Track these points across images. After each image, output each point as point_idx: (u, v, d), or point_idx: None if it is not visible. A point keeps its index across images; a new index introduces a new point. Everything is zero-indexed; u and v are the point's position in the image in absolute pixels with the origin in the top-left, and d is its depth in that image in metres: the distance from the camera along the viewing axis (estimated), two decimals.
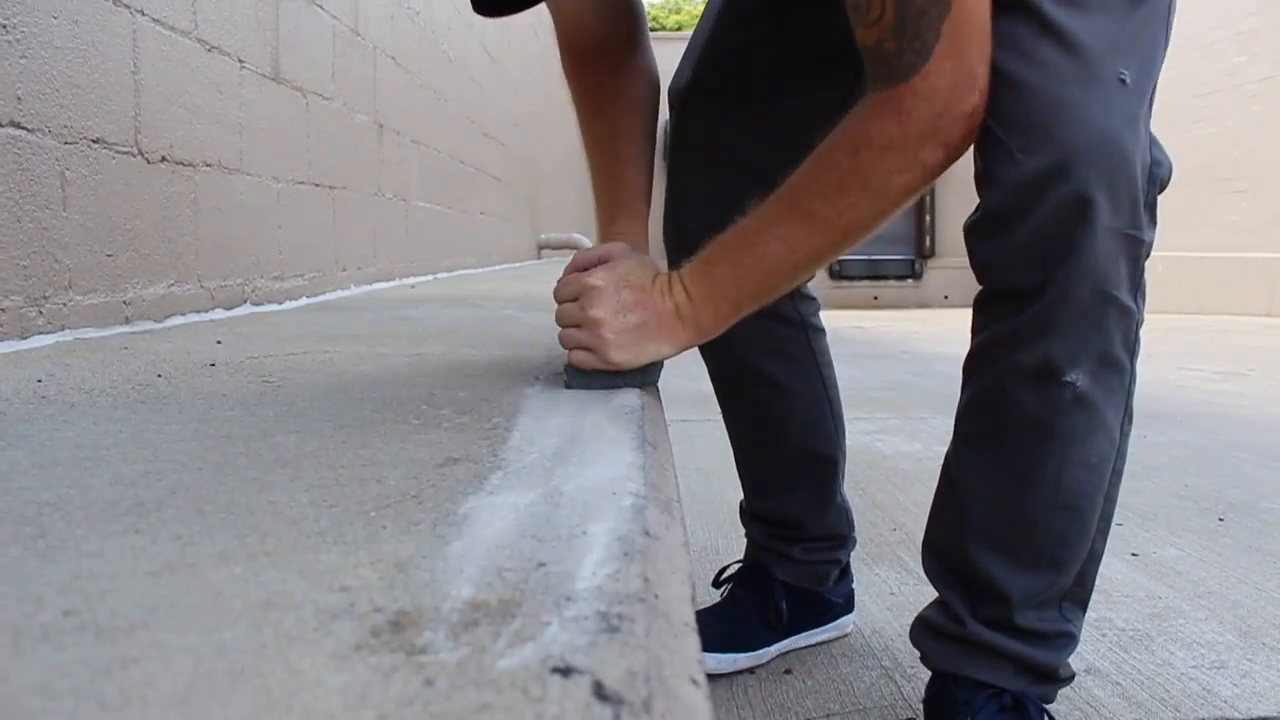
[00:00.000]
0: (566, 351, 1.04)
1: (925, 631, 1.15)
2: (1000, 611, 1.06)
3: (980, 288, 1.04)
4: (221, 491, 0.61)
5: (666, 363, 1.07)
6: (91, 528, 0.54)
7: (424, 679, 0.35)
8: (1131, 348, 1.02)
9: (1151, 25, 0.99)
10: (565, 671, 0.36)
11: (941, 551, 1.14)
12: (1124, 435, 1.06)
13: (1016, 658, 1.07)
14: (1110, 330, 0.98)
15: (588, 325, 1.00)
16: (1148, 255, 1.00)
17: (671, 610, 0.45)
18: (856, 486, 2.43)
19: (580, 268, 1.06)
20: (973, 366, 1.07)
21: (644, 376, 1.03)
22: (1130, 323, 1.00)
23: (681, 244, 1.29)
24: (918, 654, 1.17)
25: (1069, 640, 1.08)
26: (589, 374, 1.02)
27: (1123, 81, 0.94)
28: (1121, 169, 0.93)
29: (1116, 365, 1.01)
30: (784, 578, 1.46)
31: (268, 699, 0.34)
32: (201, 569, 0.47)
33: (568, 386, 1.03)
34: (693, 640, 0.44)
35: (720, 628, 1.42)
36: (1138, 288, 1.00)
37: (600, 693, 0.34)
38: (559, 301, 1.04)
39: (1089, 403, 1.00)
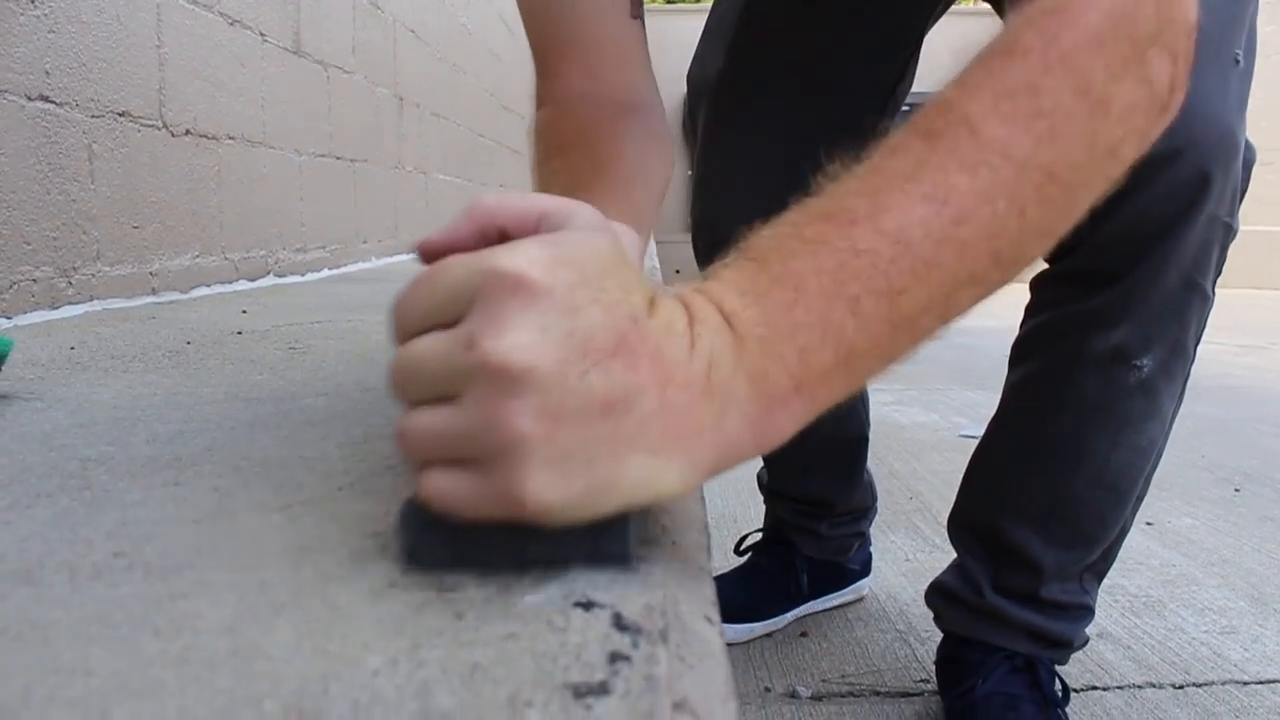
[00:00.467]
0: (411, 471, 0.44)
1: (941, 596, 1.17)
2: (1028, 583, 1.07)
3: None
4: (255, 448, 0.64)
5: None
6: (133, 481, 0.56)
7: (454, 612, 0.38)
8: (1199, 336, 1.00)
9: (1254, 2, 0.94)
10: (587, 605, 0.38)
11: (971, 523, 1.14)
12: (1174, 419, 1.05)
13: (1032, 628, 1.08)
14: (1189, 319, 0.96)
15: (482, 388, 0.39)
16: (1232, 241, 0.96)
17: (689, 556, 0.47)
18: (874, 456, 2.44)
19: (483, 234, 0.45)
20: (1029, 346, 1.04)
21: (595, 546, 0.43)
22: (1206, 311, 0.98)
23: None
24: (932, 616, 1.19)
25: (1086, 613, 1.10)
26: (458, 529, 0.41)
27: (1237, 62, 0.89)
28: (1233, 156, 0.88)
29: (1184, 354, 0.98)
30: (809, 553, 1.48)
31: (308, 628, 0.36)
32: (240, 517, 0.49)
33: (409, 560, 0.43)
34: (708, 584, 0.46)
35: (741, 596, 1.44)
36: (1219, 275, 0.98)
37: (620, 623, 0.36)
38: (404, 323, 0.43)
39: (1152, 389, 0.97)
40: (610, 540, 0.42)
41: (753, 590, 1.46)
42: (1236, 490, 2.20)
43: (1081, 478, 1.01)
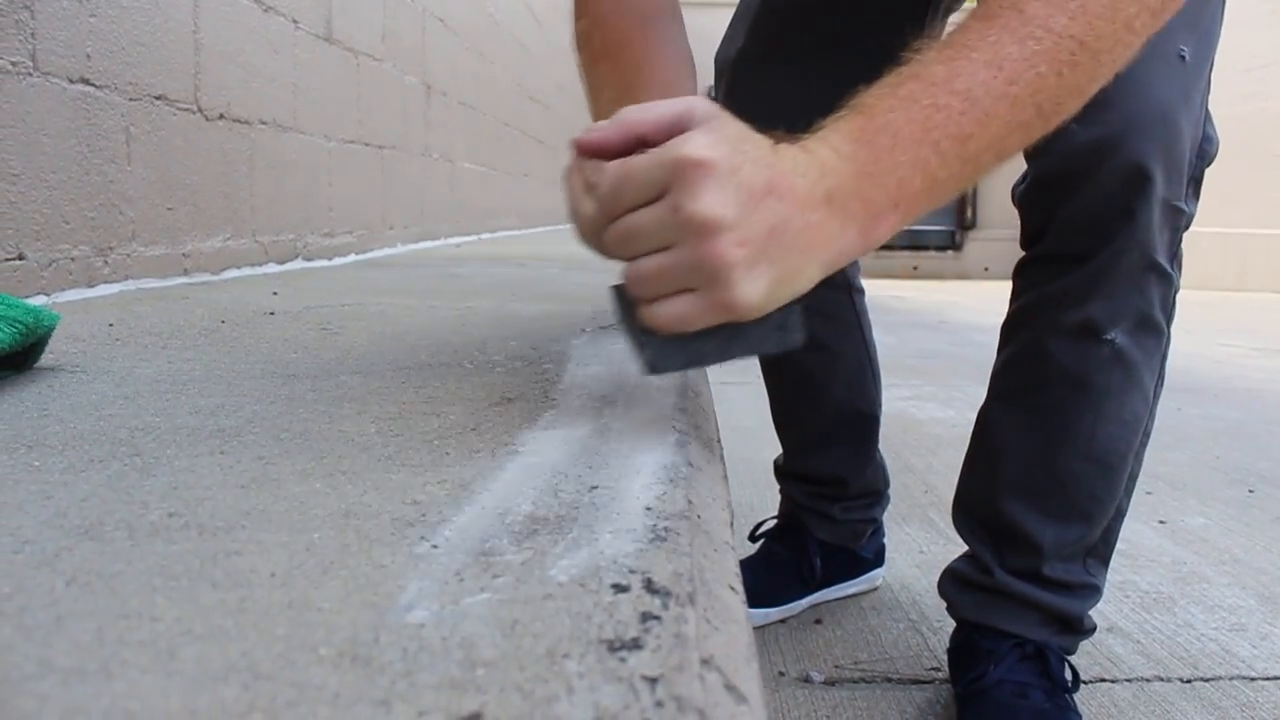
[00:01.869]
0: (636, 306, 0.62)
1: (954, 582, 1.19)
2: (1029, 561, 1.10)
3: (1020, 255, 1.08)
4: (295, 421, 0.66)
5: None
6: (180, 449, 0.59)
7: (492, 574, 0.40)
8: (1169, 313, 1.06)
9: (1212, 2, 1.01)
10: (619, 570, 0.40)
11: (972, 505, 1.18)
12: (1156, 397, 1.10)
13: (1042, 606, 1.11)
14: (1151, 294, 1.02)
15: (691, 238, 0.57)
16: (1187, 227, 1.03)
17: (713, 530, 0.50)
18: (890, 450, 2.46)
19: (639, 139, 0.63)
20: (1012, 327, 1.11)
21: (782, 334, 0.63)
22: (1169, 288, 1.04)
23: None
24: (944, 606, 1.21)
25: (1093, 592, 1.13)
26: (684, 342, 0.61)
27: (1182, 58, 0.96)
28: (1175, 144, 0.96)
29: (1154, 328, 1.05)
30: (822, 536, 1.50)
31: (355, 584, 0.39)
32: (285, 484, 0.52)
33: (652, 371, 0.63)
34: (731, 557, 0.49)
35: (754, 581, 1.47)
36: (1175, 256, 1.04)
37: (650, 587, 0.39)
38: (618, 205, 0.61)
39: (1126, 361, 1.04)
40: (791, 329, 0.63)
41: (768, 576, 1.49)
42: (1250, 491, 2.20)
43: (1070, 451, 1.08)
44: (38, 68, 1.36)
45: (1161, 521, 1.95)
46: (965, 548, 1.20)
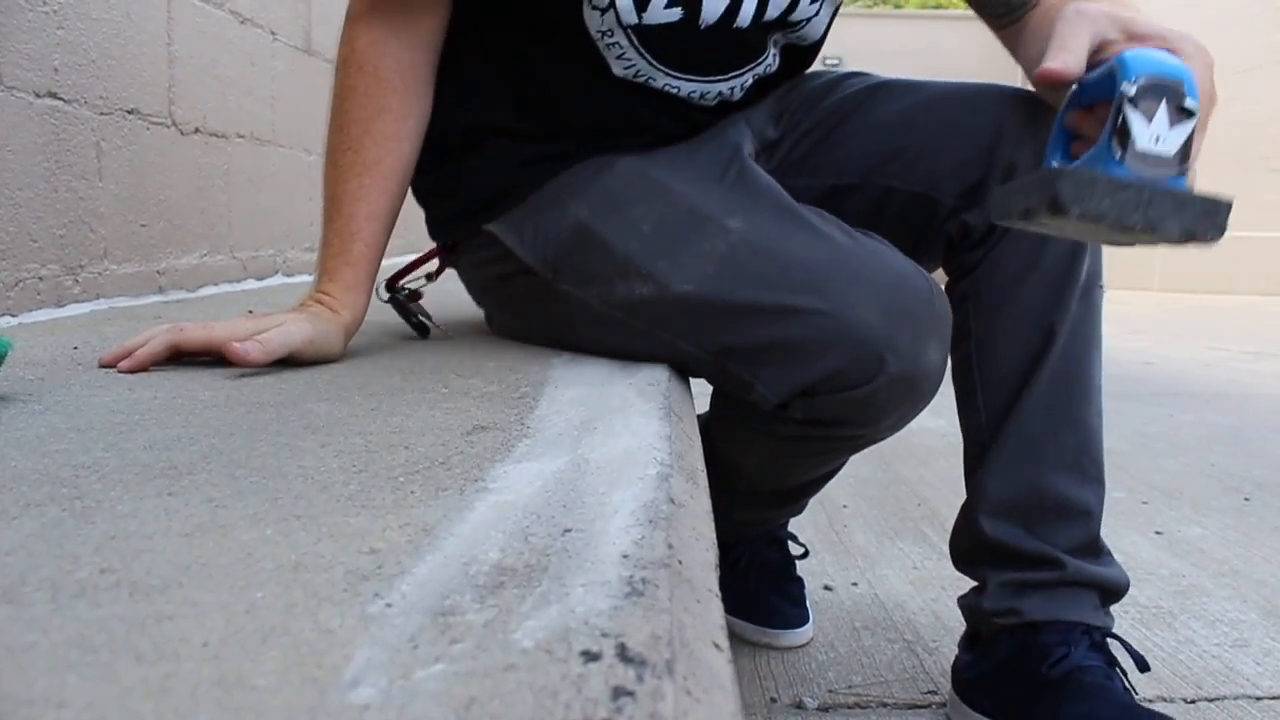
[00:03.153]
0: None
1: (1013, 590, 1.12)
2: (1085, 533, 1.11)
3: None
4: (253, 456, 0.62)
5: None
6: (126, 490, 0.55)
7: (451, 638, 0.36)
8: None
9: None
10: (590, 634, 0.37)
11: (1018, 501, 1.12)
12: None
13: (1099, 584, 1.11)
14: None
15: None
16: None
17: (695, 576, 0.46)
18: (882, 461, 2.43)
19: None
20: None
21: (1211, 221, 0.71)
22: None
23: None
24: (981, 620, 1.15)
25: (1110, 557, 1.15)
26: (1112, 186, 0.67)
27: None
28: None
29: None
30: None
31: (296, 655, 0.35)
32: (233, 530, 0.48)
33: (1065, 205, 0.67)
34: (715, 606, 0.45)
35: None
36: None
37: (624, 655, 0.35)
38: None
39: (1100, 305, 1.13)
40: (1218, 219, 0.68)
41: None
42: (1246, 499, 2.17)
43: (1091, 407, 1.12)
44: (2, 82, 1.32)
45: (1158, 532, 1.92)
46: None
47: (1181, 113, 0.69)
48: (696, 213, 1.00)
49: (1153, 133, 0.68)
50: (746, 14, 1.05)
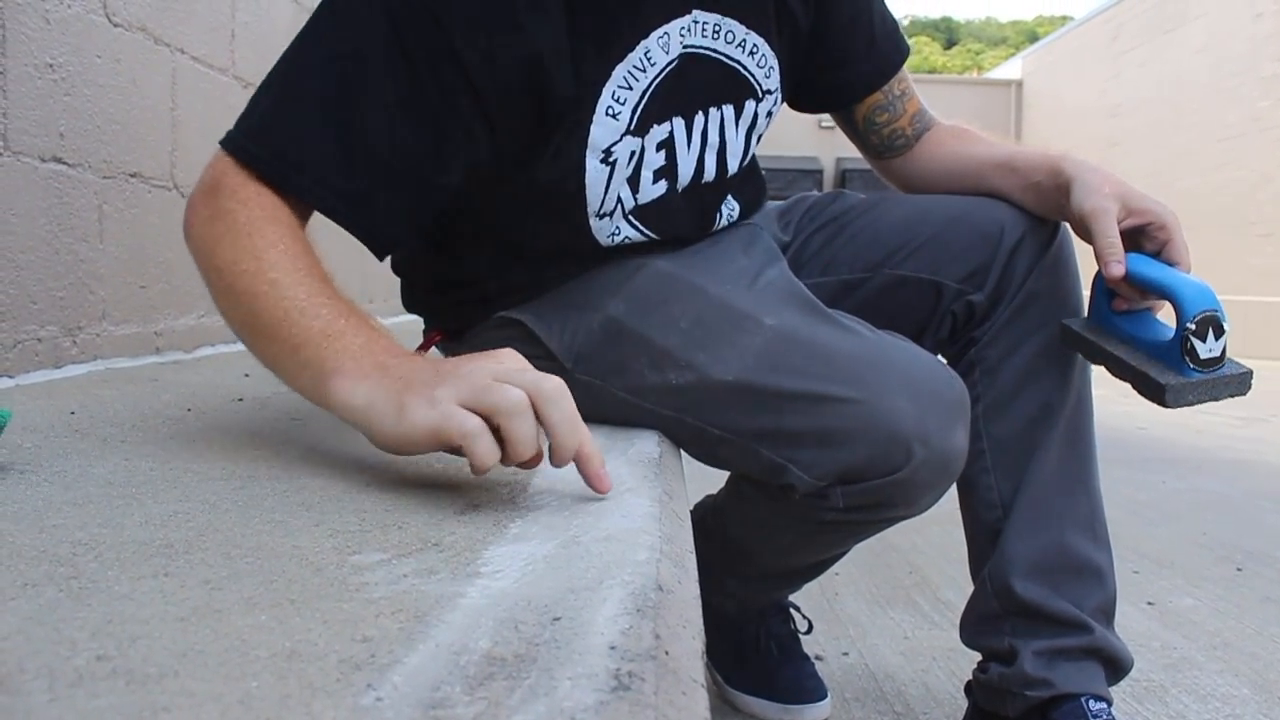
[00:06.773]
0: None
1: (1046, 660, 1.13)
2: (1104, 592, 1.16)
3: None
4: (249, 534, 0.63)
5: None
6: (123, 569, 0.56)
7: None
8: None
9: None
10: None
11: (1043, 563, 1.15)
12: None
13: (1115, 658, 1.15)
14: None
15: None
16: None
17: (681, 667, 0.47)
18: None
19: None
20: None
21: (1241, 382, 1.07)
22: None
23: None
24: (994, 699, 1.17)
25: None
26: (1208, 381, 1.04)
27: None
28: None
29: None
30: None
31: None
32: (228, 615, 0.49)
33: (1173, 404, 1.03)
34: (700, 697, 0.46)
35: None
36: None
37: None
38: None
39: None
40: (1245, 380, 1.06)
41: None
42: (1238, 569, 2.18)
43: (1095, 471, 1.19)
44: (8, 147, 1.34)
45: (1150, 603, 1.92)
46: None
47: (1220, 328, 1.02)
48: (733, 311, 1.04)
49: (1207, 346, 1.02)
50: (709, 171, 1.14)
